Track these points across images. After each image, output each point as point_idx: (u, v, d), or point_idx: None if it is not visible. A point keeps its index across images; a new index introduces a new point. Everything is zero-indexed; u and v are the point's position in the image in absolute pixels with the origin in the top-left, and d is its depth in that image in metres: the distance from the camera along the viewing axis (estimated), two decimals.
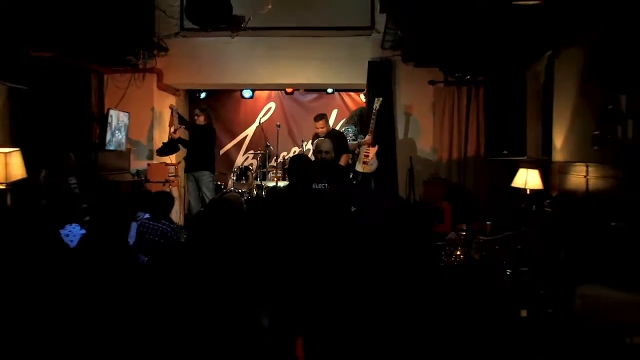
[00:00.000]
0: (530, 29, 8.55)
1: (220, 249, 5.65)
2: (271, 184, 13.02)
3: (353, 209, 7.90)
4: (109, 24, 9.73)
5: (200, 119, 12.42)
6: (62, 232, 7.45)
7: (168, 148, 12.43)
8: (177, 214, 11.92)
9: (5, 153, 9.33)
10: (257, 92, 15.59)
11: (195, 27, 12.10)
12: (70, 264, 6.50)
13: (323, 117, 11.95)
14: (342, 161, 11.29)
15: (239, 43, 12.62)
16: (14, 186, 9.52)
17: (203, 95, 15.54)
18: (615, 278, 5.25)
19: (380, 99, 11.83)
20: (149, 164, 12.99)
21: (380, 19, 11.55)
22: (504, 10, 7.79)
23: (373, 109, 11.79)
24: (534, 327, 5.61)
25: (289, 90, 15.51)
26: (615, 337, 4.73)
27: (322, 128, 11.73)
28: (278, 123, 14.69)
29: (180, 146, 12.55)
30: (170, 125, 12.68)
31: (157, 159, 12.99)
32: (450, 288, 6.78)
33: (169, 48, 12.75)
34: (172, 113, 12.51)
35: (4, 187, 9.42)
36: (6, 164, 9.25)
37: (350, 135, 12.16)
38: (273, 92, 15.76)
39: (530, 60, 10.84)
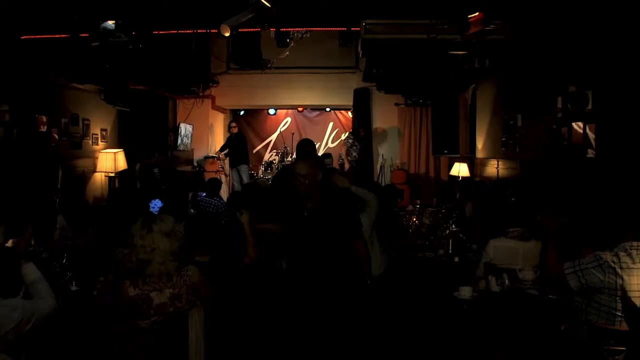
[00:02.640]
0: (461, 69, 8.69)
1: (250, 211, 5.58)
2: None
3: None
4: (181, 67, 9.87)
5: (234, 130, 12.69)
6: (150, 204, 7.60)
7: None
8: (224, 193, 12.13)
9: (115, 152, 9.65)
10: (278, 110, 15.53)
11: (237, 67, 12.23)
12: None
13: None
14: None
15: (266, 77, 12.60)
16: (120, 174, 9.85)
17: (242, 112, 15.52)
18: (512, 233, 5.34)
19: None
20: (205, 159, 13.22)
21: (362, 61, 11.61)
22: (444, 57, 7.89)
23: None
24: (462, 267, 5.58)
25: (300, 109, 15.45)
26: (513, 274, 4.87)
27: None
28: (292, 131, 14.91)
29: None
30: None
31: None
32: (410, 241, 6.92)
33: (220, 81, 12.78)
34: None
35: (113, 174, 9.73)
36: (115, 160, 9.57)
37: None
38: (289, 110, 15.68)
39: (462, 90, 10.96)
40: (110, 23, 6.53)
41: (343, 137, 14.16)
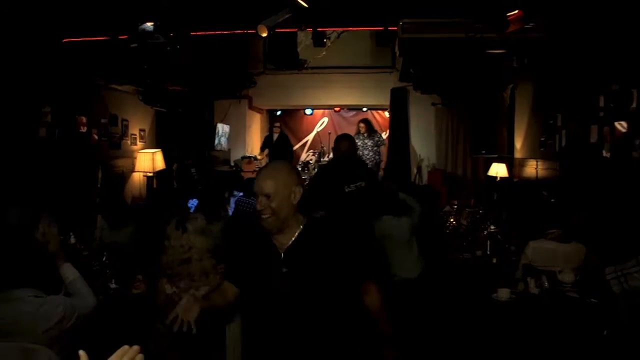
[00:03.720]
0: (499, 69, 8.59)
1: None
2: None
3: None
4: (218, 68, 9.93)
5: (277, 130, 12.73)
6: (188, 203, 7.64)
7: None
8: None
9: (153, 152, 9.78)
10: (315, 111, 15.59)
11: (274, 67, 12.26)
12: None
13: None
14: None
15: (303, 77, 12.55)
16: (157, 174, 9.97)
17: (279, 113, 15.56)
18: (552, 235, 5.26)
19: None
20: (242, 159, 13.24)
21: (399, 61, 11.52)
22: (482, 56, 7.84)
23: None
24: (500, 268, 5.52)
25: (337, 109, 15.47)
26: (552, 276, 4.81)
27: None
28: (329, 131, 14.92)
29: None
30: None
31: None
32: (447, 242, 6.87)
33: (257, 82, 12.75)
34: None
35: (151, 174, 9.86)
36: (153, 160, 9.69)
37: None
38: (326, 110, 15.72)
39: (500, 90, 10.84)
40: (149, 25, 6.62)
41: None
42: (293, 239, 2.71)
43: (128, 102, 9.76)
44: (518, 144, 9.78)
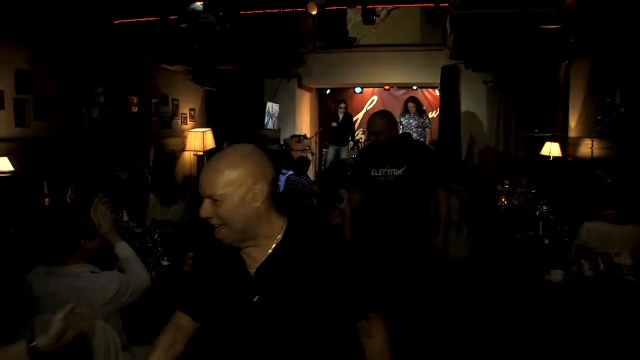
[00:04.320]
0: (554, 45, 8.39)
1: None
2: None
3: None
4: (268, 46, 9.96)
5: (342, 110, 12.76)
6: None
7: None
8: (310, 172, 12.15)
9: (203, 131, 9.90)
10: (365, 89, 15.46)
11: (323, 45, 12.23)
12: None
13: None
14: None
15: (352, 56, 12.50)
16: (208, 153, 10.09)
17: (328, 91, 15.52)
18: (608, 216, 5.15)
19: None
20: (292, 138, 13.29)
21: (450, 38, 11.38)
22: (536, 32, 7.63)
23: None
24: (554, 250, 5.30)
25: (387, 87, 15.34)
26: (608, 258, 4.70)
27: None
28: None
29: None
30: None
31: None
32: (498, 222, 6.82)
33: (306, 60, 12.74)
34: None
35: (201, 153, 9.99)
36: (203, 139, 9.82)
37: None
38: (376, 89, 15.61)
39: (554, 66, 10.59)
40: (199, 4, 6.68)
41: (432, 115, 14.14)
42: (269, 251, 1.94)
43: (178, 81, 9.88)
44: (572, 122, 9.54)
